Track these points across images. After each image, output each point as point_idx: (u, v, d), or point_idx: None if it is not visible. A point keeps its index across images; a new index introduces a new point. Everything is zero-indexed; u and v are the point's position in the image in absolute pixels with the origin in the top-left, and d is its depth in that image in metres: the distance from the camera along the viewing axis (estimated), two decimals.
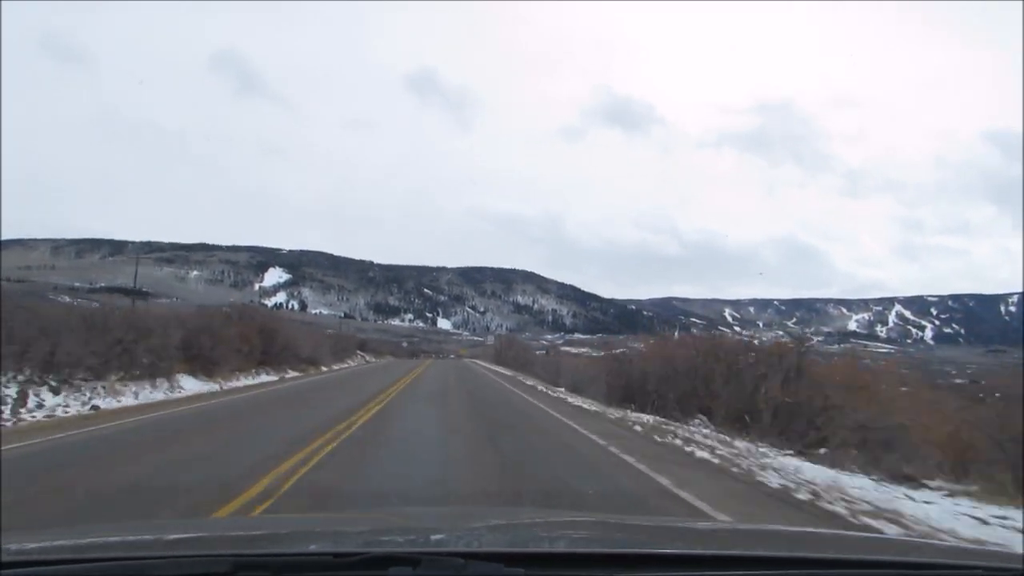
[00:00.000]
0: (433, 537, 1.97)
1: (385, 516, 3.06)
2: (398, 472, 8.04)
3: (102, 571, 1.49)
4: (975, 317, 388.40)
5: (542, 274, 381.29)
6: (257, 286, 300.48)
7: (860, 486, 7.54)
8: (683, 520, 5.01)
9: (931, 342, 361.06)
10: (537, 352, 62.16)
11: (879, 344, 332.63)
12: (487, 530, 2.13)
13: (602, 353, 31.14)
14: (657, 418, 15.08)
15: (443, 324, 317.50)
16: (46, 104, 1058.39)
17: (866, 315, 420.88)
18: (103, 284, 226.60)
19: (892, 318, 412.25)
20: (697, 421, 14.42)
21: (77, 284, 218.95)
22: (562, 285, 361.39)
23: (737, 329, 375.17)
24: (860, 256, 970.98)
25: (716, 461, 9.49)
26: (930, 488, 7.62)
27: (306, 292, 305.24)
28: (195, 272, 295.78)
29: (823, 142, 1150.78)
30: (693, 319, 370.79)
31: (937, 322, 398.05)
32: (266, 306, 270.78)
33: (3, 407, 11.70)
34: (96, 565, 1.52)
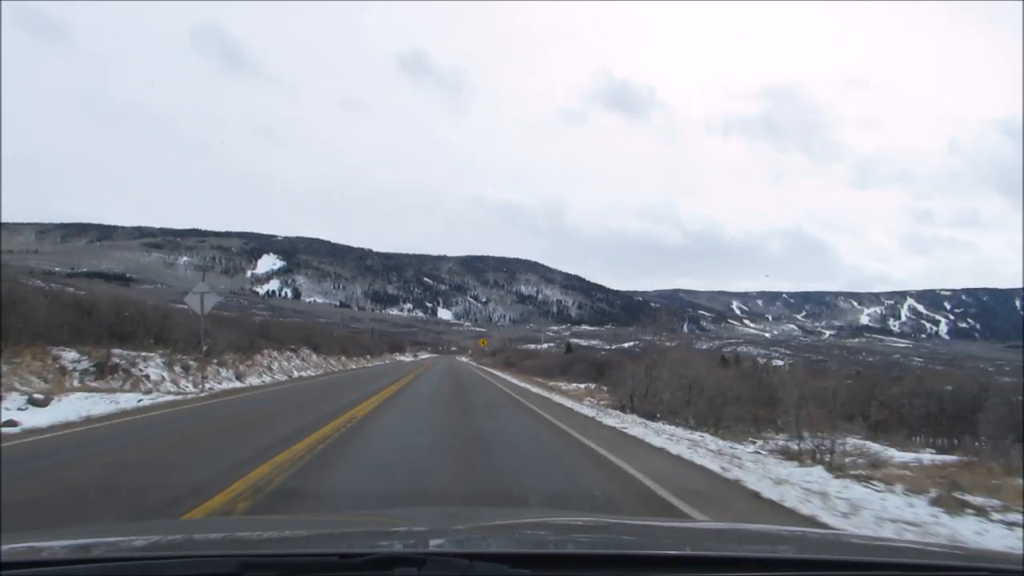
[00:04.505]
0: (438, 538, 1.96)
1: (390, 517, 3.01)
2: None
3: (106, 571, 1.47)
4: (990, 312, 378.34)
5: (546, 264, 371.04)
6: (250, 273, 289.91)
7: None
8: (689, 521, 5.11)
9: (946, 337, 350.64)
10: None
11: (894, 339, 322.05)
12: (492, 531, 2.12)
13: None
14: None
15: (444, 314, 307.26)
16: (28, 83, 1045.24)
17: (877, 309, 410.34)
18: (85, 269, 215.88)
19: (905, 312, 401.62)
20: None
21: (57, 269, 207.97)
22: (567, 275, 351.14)
23: (747, 322, 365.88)
24: (867, 248, 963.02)
25: None
26: None
27: (301, 280, 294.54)
28: (185, 258, 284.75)
29: (833, 130, 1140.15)
30: (701, 311, 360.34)
31: (951, 317, 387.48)
32: (257, 293, 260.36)
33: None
34: (99, 565, 1.50)
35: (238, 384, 21.84)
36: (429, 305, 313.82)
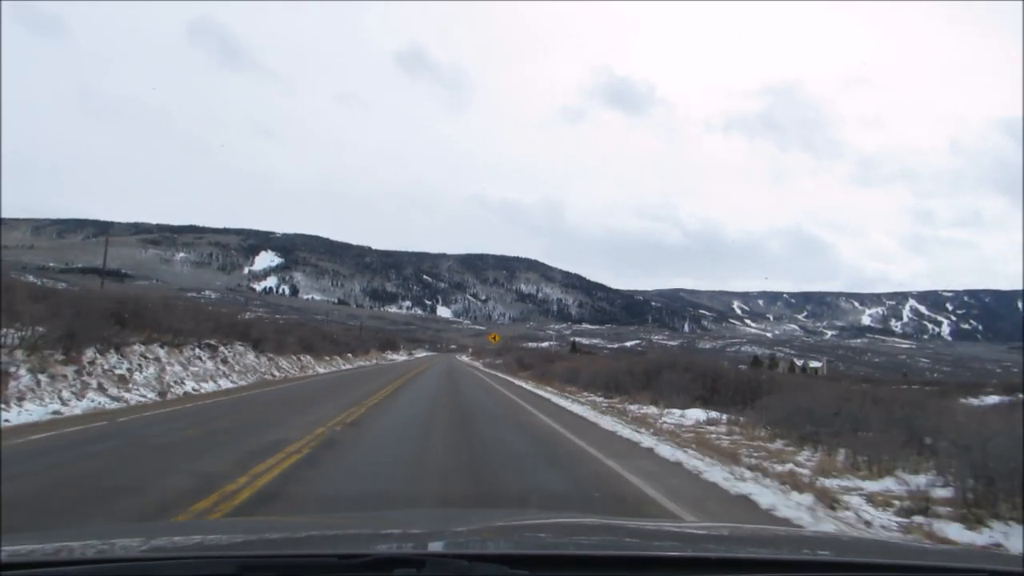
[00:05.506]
0: (437, 539, 1.97)
1: (390, 518, 3.05)
2: None
3: (105, 572, 1.47)
4: (992, 313, 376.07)
5: (546, 262, 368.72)
6: (247, 270, 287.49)
7: None
8: (689, 523, 5.17)
9: (948, 338, 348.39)
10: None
11: (896, 340, 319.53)
12: (491, 532, 2.12)
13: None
14: None
15: (443, 312, 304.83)
16: (25, 79, 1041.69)
17: (879, 309, 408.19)
18: (81, 265, 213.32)
19: (907, 313, 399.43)
20: None
21: (52, 264, 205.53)
22: (567, 274, 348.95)
23: (748, 322, 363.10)
24: (868, 249, 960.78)
25: None
26: None
27: (298, 277, 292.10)
28: (181, 254, 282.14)
29: (834, 128, 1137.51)
30: (702, 311, 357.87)
31: (953, 318, 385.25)
32: (254, 290, 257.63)
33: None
34: (99, 566, 1.49)
35: None
36: (428, 303, 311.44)
